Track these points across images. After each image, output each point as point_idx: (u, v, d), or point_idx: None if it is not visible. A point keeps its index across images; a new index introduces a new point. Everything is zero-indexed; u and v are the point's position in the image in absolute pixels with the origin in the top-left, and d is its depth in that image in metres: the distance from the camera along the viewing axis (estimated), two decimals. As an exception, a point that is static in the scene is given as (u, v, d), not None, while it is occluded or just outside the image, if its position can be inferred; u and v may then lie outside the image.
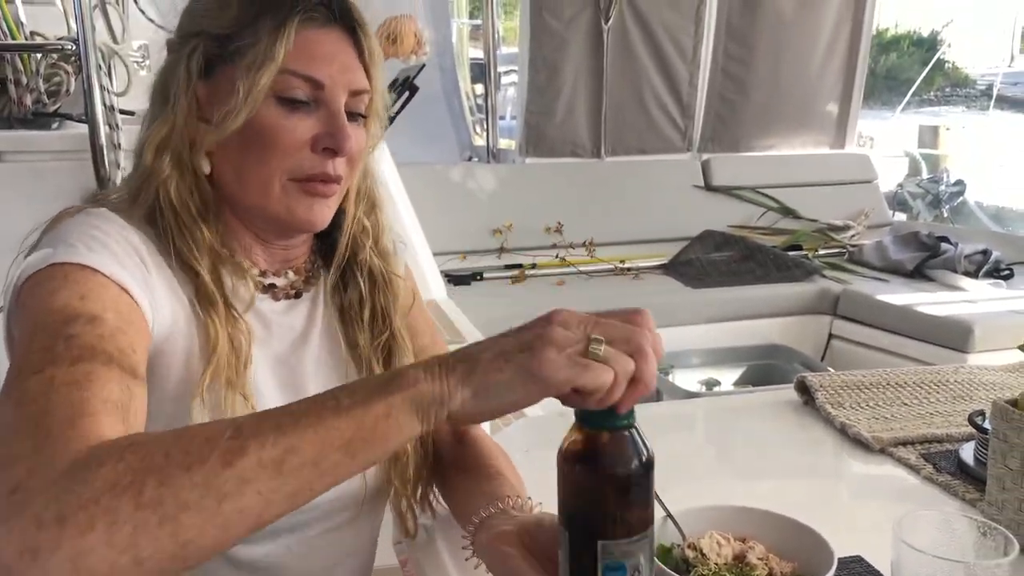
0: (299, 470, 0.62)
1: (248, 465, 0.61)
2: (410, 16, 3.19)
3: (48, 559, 0.57)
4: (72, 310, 0.77)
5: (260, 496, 0.61)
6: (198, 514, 0.60)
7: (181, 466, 0.61)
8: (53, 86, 2.13)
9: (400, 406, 0.64)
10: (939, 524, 0.81)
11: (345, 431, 0.63)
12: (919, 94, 11.28)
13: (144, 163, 0.93)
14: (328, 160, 0.92)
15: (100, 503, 0.59)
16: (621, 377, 0.63)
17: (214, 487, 0.60)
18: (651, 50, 4.19)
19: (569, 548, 0.67)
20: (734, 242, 3.98)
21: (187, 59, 0.93)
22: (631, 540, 0.65)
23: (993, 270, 3.60)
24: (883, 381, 1.48)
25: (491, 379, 0.64)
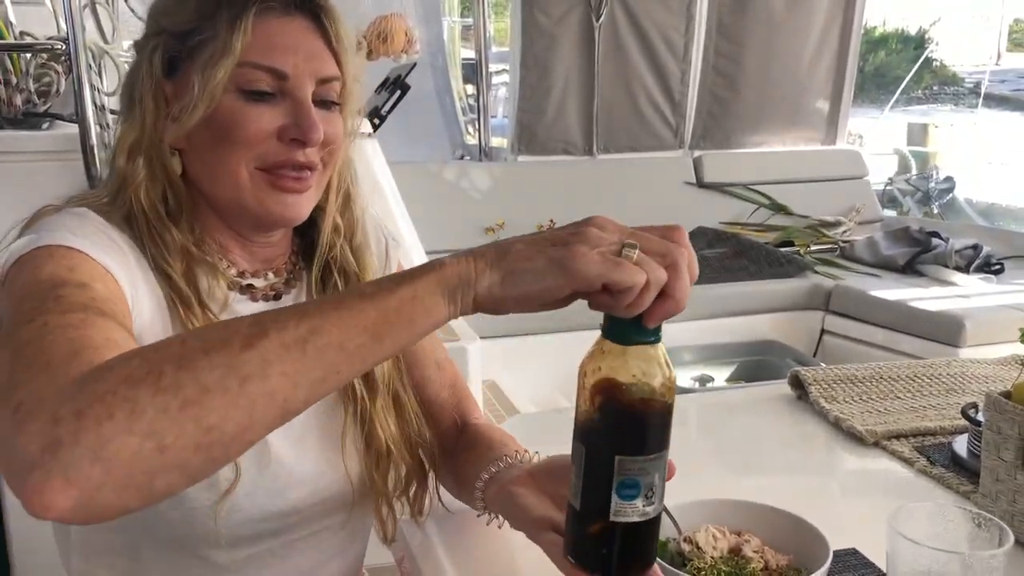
0: (323, 351, 0.60)
1: (270, 346, 0.59)
2: (400, 14, 3.18)
3: (70, 450, 0.56)
4: (60, 278, 0.76)
5: (285, 378, 0.60)
6: (221, 396, 0.58)
7: (200, 351, 0.59)
8: (43, 86, 2.12)
9: (426, 288, 0.63)
10: (934, 516, 0.81)
11: (370, 313, 0.62)
12: (908, 92, 11.32)
13: (118, 167, 0.93)
14: (296, 149, 0.90)
15: (118, 393, 0.57)
16: (652, 283, 0.62)
17: (235, 368, 0.59)
18: (642, 48, 4.19)
19: (585, 463, 0.68)
20: (726, 239, 3.98)
21: (149, 59, 0.93)
22: (648, 458, 0.66)
23: (984, 265, 3.62)
24: (876, 375, 1.48)
25: (521, 266, 0.64)
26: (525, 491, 0.85)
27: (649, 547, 0.70)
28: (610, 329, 0.66)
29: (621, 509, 0.66)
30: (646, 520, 0.68)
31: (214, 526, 0.89)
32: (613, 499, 0.66)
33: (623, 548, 0.68)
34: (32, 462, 0.56)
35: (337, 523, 1.01)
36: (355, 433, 0.99)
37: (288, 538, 0.97)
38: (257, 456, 0.91)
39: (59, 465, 0.56)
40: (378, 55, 3.09)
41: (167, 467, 0.58)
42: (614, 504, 0.66)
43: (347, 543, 1.05)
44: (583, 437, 0.68)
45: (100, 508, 0.57)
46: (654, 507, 0.68)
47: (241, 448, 0.61)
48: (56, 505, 0.56)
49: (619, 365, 0.65)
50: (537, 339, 3.13)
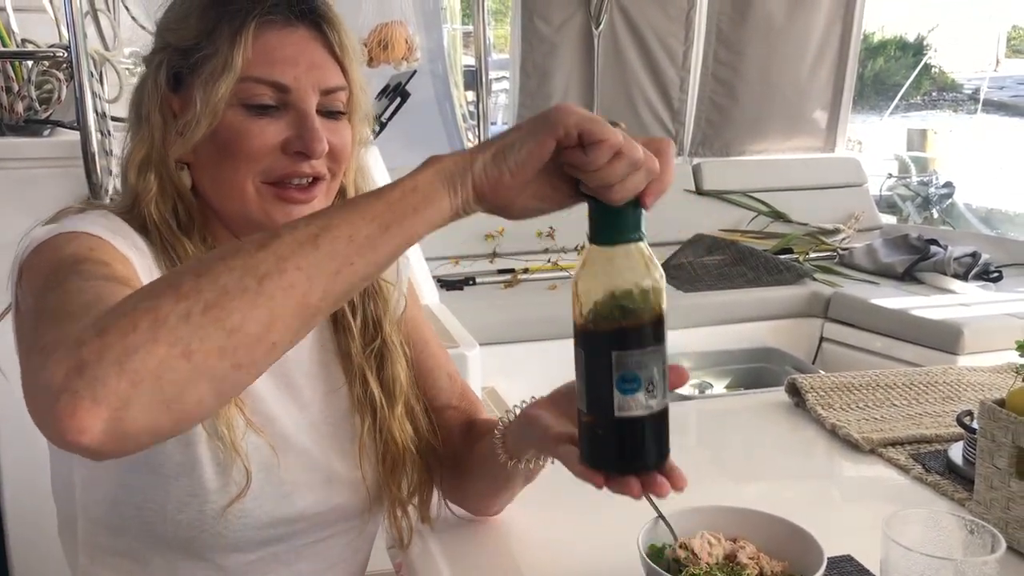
0: (334, 243, 0.63)
1: (283, 244, 0.62)
2: (401, 22, 3.19)
3: (95, 368, 0.56)
4: (81, 255, 0.77)
5: (300, 272, 0.62)
6: (240, 296, 0.60)
7: (216, 258, 0.61)
8: (45, 93, 2.12)
9: (425, 179, 0.67)
10: (927, 522, 0.82)
11: (375, 205, 0.65)
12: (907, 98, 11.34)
13: (129, 183, 0.94)
14: (301, 162, 0.91)
15: (139, 307, 0.58)
16: (627, 151, 0.65)
17: (252, 268, 0.61)
18: (641, 55, 4.20)
19: (585, 366, 0.71)
20: (725, 246, 3.99)
21: (154, 74, 0.94)
22: (644, 351, 0.69)
23: (982, 272, 3.62)
24: (873, 382, 1.49)
25: (508, 139, 0.67)
26: (544, 413, 0.88)
27: (659, 442, 0.73)
28: (595, 233, 0.70)
29: (624, 404, 0.69)
30: (650, 413, 0.70)
31: (222, 530, 0.90)
32: (615, 395, 0.69)
33: (632, 443, 0.71)
34: (59, 388, 0.56)
35: (344, 530, 1.02)
36: (371, 440, 1.00)
37: (295, 544, 0.98)
38: (266, 462, 0.92)
39: (85, 383, 0.56)
40: (379, 62, 3.10)
41: (195, 376, 0.58)
42: (617, 400, 0.69)
43: (353, 550, 1.06)
44: (581, 342, 0.71)
45: (131, 430, 0.57)
46: (657, 401, 0.71)
47: (265, 353, 0.62)
48: (87, 428, 0.56)
49: (606, 266, 0.69)
50: (536, 345, 3.13)
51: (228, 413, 0.89)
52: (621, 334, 0.69)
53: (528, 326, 3.17)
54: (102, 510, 0.93)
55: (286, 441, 0.95)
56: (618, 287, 0.69)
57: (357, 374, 1.02)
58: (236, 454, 0.89)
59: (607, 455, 0.73)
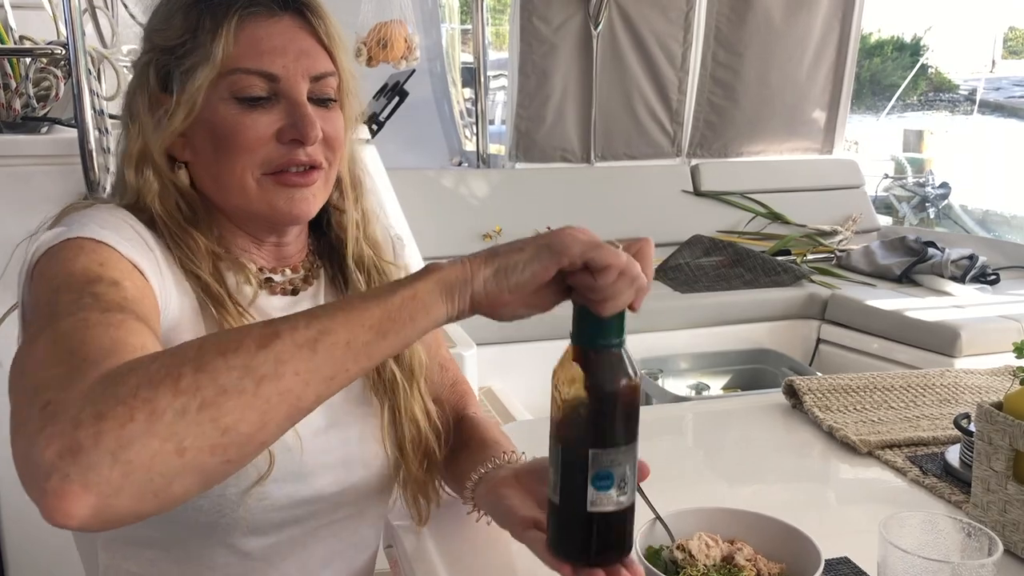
0: (332, 349, 0.64)
1: (283, 347, 0.63)
2: (400, 21, 3.19)
3: (89, 454, 0.56)
4: (94, 273, 0.78)
5: (298, 377, 0.63)
6: (237, 397, 0.60)
7: (217, 353, 0.62)
8: (42, 91, 2.12)
9: (425, 288, 0.68)
10: (924, 525, 0.82)
11: (374, 312, 0.66)
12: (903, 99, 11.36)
13: (128, 182, 0.94)
14: (297, 149, 0.92)
15: (138, 396, 0.59)
16: (628, 271, 0.68)
17: (251, 368, 0.61)
18: (640, 56, 4.20)
19: (561, 460, 0.73)
20: (723, 247, 3.99)
21: (142, 75, 0.94)
22: (619, 450, 0.72)
23: (979, 275, 3.62)
24: (870, 385, 1.49)
25: (512, 257, 0.69)
26: (511, 492, 0.89)
27: (625, 535, 0.75)
28: (580, 335, 0.72)
29: (597, 499, 0.72)
30: (620, 509, 0.73)
31: (243, 513, 0.91)
32: (589, 491, 0.72)
33: (601, 537, 0.74)
34: (51, 467, 0.57)
35: (359, 511, 1.03)
36: (389, 420, 1.02)
37: (311, 525, 0.99)
38: (288, 443, 0.92)
39: (78, 469, 0.56)
40: (378, 61, 3.10)
41: (185, 470, 0.59)
42: (590, 495, 0.72)
43: (366, 532, 1.07)
44: (558, 436, 0.73)
45: (116, 515, 0.58)
46: (627, 497, 0.73)
47: (253, 451, 0.63)
48: (73, 513, 0.57)
49: (589, 368, 0.71)
50: (532, 346, 3.12)
51: None
52: (599, 433, 0.71)
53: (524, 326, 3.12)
54: None
55: (304, 422, 0.95)
56: (599, 388, 0.71)
57: None
58: None
59: (575, 546, 0.75)
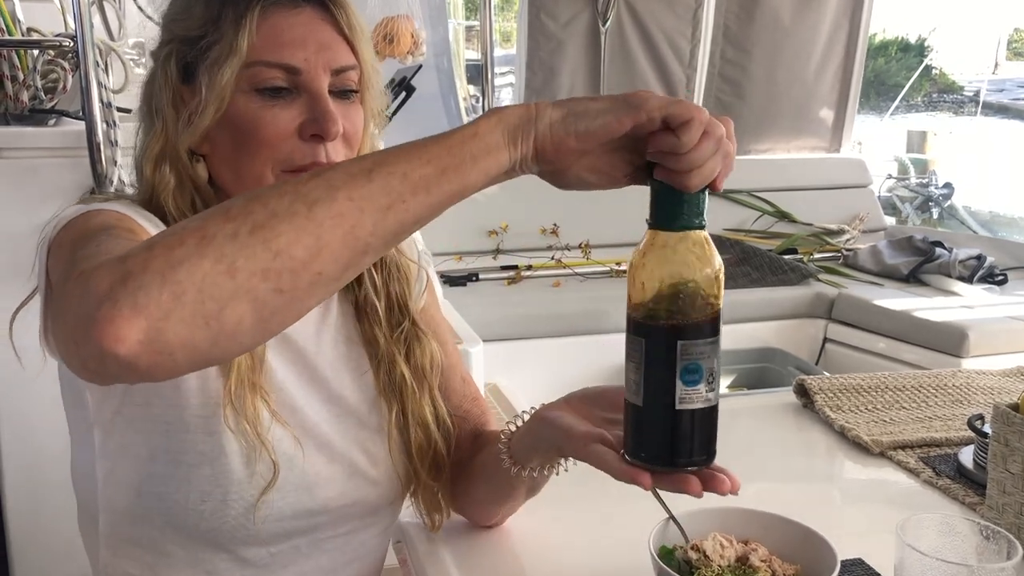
0: (388, 178, 0.63)
1: (336, 175, 0.62)
2: (407, 16, 3.18)
3: (139, 277, 0.57)
4: (111, 223, 0.79)
5: (351, 203, 0.61)
6: (289, 220, 0.60)
7: (268, 188, 0.62)
8: (50, 83, 2.11)
9: (487, 127, 0.66)
10: (942, 527, 0.81)
11: (432, 148, 0.64)
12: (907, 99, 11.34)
13: (145, 177, 0.93)
14: (318, 147, 0.89)
15: (188, 227, 0.59)
16: (711, 129, 0.65)
17: (303, 194, 0.61)
18: (648, 53, 4.18)
19: (646, 355, 0.69)
20: (730, 246, 3.98)
21: (163, 67, 0.93)
22: (708, 341, 0.68)
23: (987, 275, 3.61)
24: (882, 384, 1.48)
25: (583, 104, 0.67)
26: (564, 414, 0.85)
27: (712, 438, 0.72)
28: (662, 218, 0.68)
29: (687, 395, 0.68)
30: (709, 407, 0.69)
31: (244, 522, 0.90)
32: (678, 386, 0.68)
33: (690, 438, 0.70)
34: (101, 297, 0.56)
35: (366, 525, 1.01)
36: (399, 429, 1.00)
37: (316, 537, 0.97)
38: (289, 453, 0.91)
39: (127, 292, 0.56)
40: (384, 57, 3.09)
41: (237, 294, 0.58)
42: (679, 391, 0.68)
43: (373, 546, 1.05)
44: (641, 330, 0.69)
45: (168, 343, 0.57)
46: (715, 394, 0.70)
47: (309, 282, 0.61)
48: (124, 337, 0.56)
49: (673, 252, 0.68)
50: (539, 343, 3.12)
51: (253, 404, 0.88)
52: (687, 323, 0.68)
53: (531, 323, 3.16)
54: (125, 501, 0.92)
55: (309, 433, 0.95)
56: (685, 275, 0.68)
57: (385, 359, 1.00)
58: (262, 446, 0.88)
59: (661, 450, 0.71)
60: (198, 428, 0.88)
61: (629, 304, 0.70)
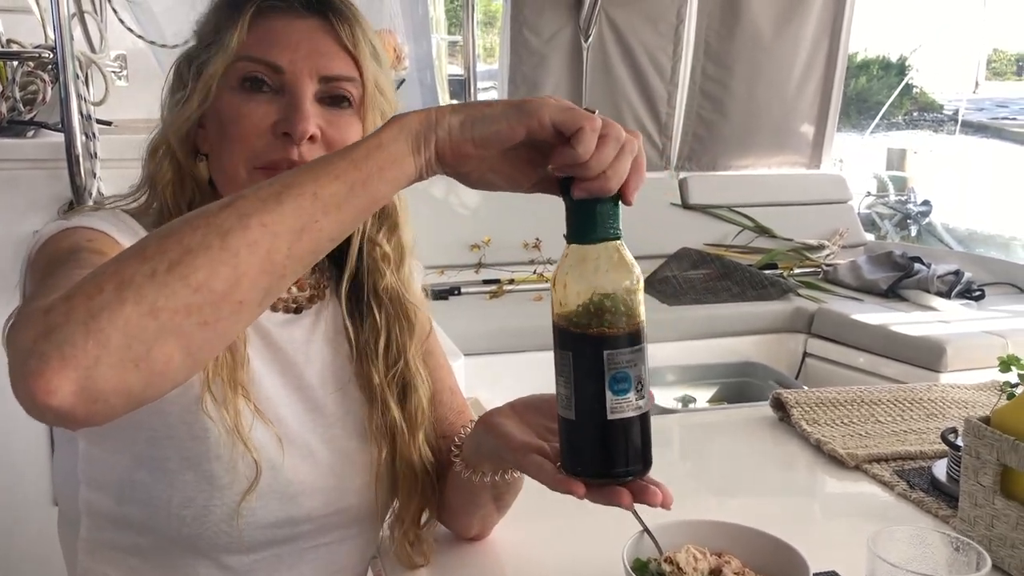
0: (298, 200, 0.63)
1: (247, 203, 0.63)
2: (389, 31, 3.20)
3: (62, 330, 0.57)
4: (79, 246, 0.79)
5: (265, 228, 0.62)
6: (204, 253, 0.60)
7: (180, 222, 0.63)
8: (29, 94, 2.10)
9: (390, 135, 0.67)
10: (913, 539, 0.82)
11: (339, 163, 0.65)
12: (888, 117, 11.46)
13: (149, 169, 0.95)
14: (291, 146, 0.88)
15: (105, 272, 0.59)
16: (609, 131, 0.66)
17: (215, 225, 0.61)
18: (630, 69, 4.21)
19: (573, 368, 0.70)
20: (710, 260, 4.00)
21: (177, 67, 0.96)
22: (633, 349, 0.69)
23: (965, 291, 3.65)
24: (858, 398, 1.49)
25: (479, 110, 0.68)
26: (506, 421, 0.86)
27: (646, 447, 0.72)
28: (577, 232, 0.69)
29: (617, 405, 0.69)
30: (641, 415, 0.70)
31: (226, 528, 0.89)
32: (608, 397, 0.68)
33: (624, 447, 0.70)
34: (27, 352, 0.57)
35: (350, 535, 1.01)
36: (388, 468, 0.99)
37: (299, 546, 0.96)
38: (272, 460, 0.91)
39: (53, 345, 0.56)
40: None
41: (162, 333, 0.58)
42: (609, 402, 0.69)
43: (357, 557, 1.04)
44: (568, 343, 0.70)
45: (101, 390, 0.57)
46: (645, 401, 0.70)
47: (232, 312, 0.61)
48: (55, 389, 0.56)
49: (591, 265, 0.69)
50: (521, 356, 3.12)
51: (234, 402, 0.88)
52: (611, 333, 0.69)
53: (513, 337, 3.16)
54: (107, 507, 0.92)
55: (293, 441, 0.94)
56: (604, 286, 0.69)
57: (378, 400, 0.99)
58: (243, 444, 0.88)
59: (595, 461, 0.71)
60: (182, 434, 0.87)
61: (553, 319, 0.71)
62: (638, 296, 0.70)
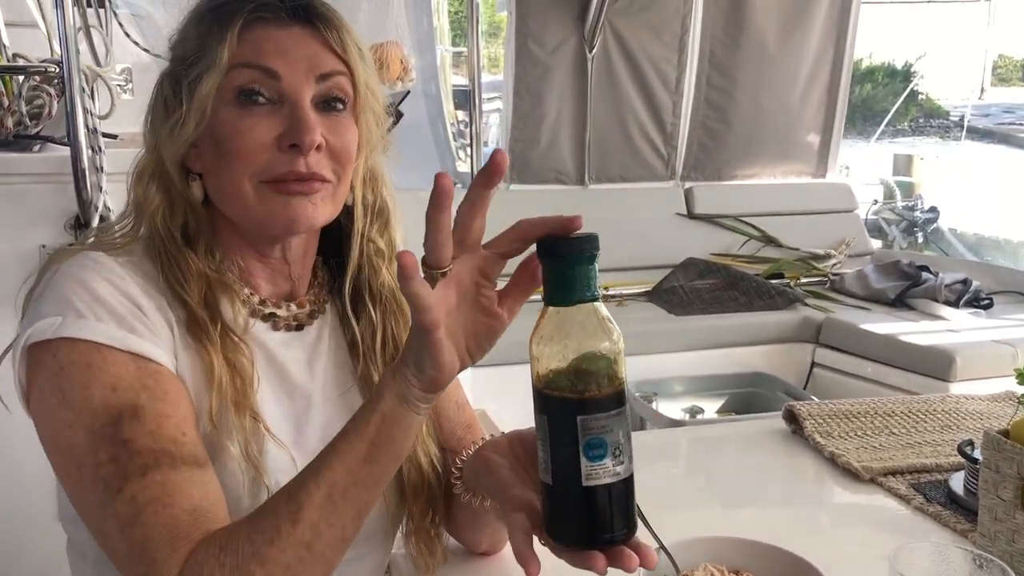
0: (346, 493, 0.76)
1: (310, 515, 0.75)
2: (396, 42, 3.19)
3: None
4: (113, 408, 0.80)
5: (333, 528, 0.76)
6: (301, 565, 0.74)
7: (266, 543, 0.74)
8: (35, 108, 2.10)
9: (387, 408, 0.75)
10: (934, 555, 0.80)
11: (360, 447, 0.75)
12: (893, 124, 11.45)
13: (135, 197, 0.92)
14: (297, 157, 0.87)
15: None
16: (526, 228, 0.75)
17: (298, 542, 0.74)
18: (635, 79, 4.21)
19: (549, 433, 0.69)
20: (717, 270, 3.99)
21: (160, 87, 0.93)
22: (609, 414, 0.68)
23: (973, 299, 3.63)
24: (871, 410, 1.48)
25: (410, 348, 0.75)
26: (502, 461, 0.86)
27: (626, 512, 0.70)
28: (552, 294, 0.69)
29: (593, 471, 0.68)
30: (618, 480, 0.68)
31: None
32: (583, 463, 0.68)
33: (601, 514, 0.69)
34: None
35: (358, 556, 0.98)
36: None
37: None
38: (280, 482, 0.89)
39: None
40: (372, 82, 3.09)
41: None
42: (584, 468, 0.68)
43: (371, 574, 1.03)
44: (543, 407, 0.70)
45: None
46: (624, 467, 0.69)
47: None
48: None
49: (566, 328, 0.68)
50: (527, 368, 3.11)
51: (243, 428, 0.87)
52: (585, 398, 0.68)
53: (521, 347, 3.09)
54: None
55: (308, 459, 0.93)
56: (580, 349, 0.68)
57: None
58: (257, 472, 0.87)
59: (573, 528, 0.70)
60: None
61: (532, 382, 0.70)
62: (616, 359, 0.68)
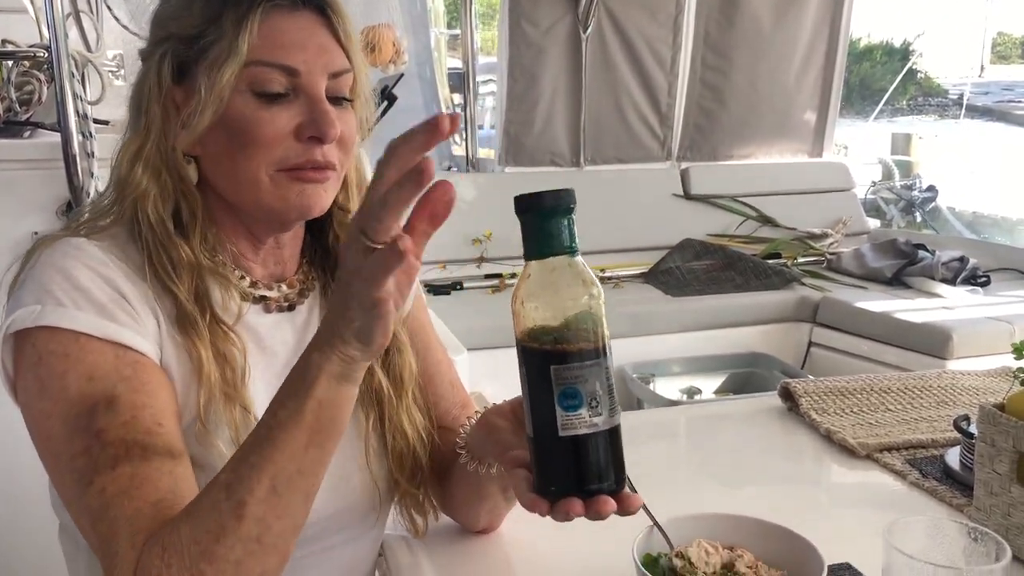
0: (291, 482, 0.72)
1: (254, 509, 0.71)
2: (388, 25, 3.18)
3: None
4: (88, 398, 0.79)
5: (282, 519, 0.73)
6: (251, 558, 0.72)
7: (212, 542, 0.71)
8: (25, 94, 2.09)
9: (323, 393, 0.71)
10: (929, 530, 0.80)
11: (300, 435, 0.71)
12: (892, 103, 11.43)
13: (119, 176, 0.91)
14: (315, 147, 0.88)
15: None
16: None
17: (245, 537, 0.71)
18: (629, 59, 4.19)
19: (527, 384, 0.70)
20: (714, 251, 3.98)
21: (157, 66, 0.90)
22: (583, 364, 0.68)
23: (970, 277, 3.63)
24: (867, 387, 1.48)
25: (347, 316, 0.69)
26: (504, 424, 0.87)
27: (608, 464, 0.70)
28: (530, 247, 0.70)
29: (568, 422, 0.68)
30: (596, 432, 0.68)
31: None
32: (558, 413, 0.68)
33: (579, 465, 0.69)
34: None
35: (350, 538, 1.00)
36: (377, 434, 0.98)
37: (300, 552, 0.94)
38: None
39: None
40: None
41: None
42: (560, 418, 0.68)
43: (358, 559, 1.03)
44: (522, 359, 0.70)
45: None
46: (602, 418, 0.68)
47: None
48: None
49: (544, 280, 0.68)
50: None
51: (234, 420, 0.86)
52: (559, 349, 0.68)
53: None
54: None
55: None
56: (556, 301, 0.68)
57: None
58: None
59: (553, 479, 0.70)
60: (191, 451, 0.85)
61: (515, 335, 0.71)
62: (594, 312, 0.68)
